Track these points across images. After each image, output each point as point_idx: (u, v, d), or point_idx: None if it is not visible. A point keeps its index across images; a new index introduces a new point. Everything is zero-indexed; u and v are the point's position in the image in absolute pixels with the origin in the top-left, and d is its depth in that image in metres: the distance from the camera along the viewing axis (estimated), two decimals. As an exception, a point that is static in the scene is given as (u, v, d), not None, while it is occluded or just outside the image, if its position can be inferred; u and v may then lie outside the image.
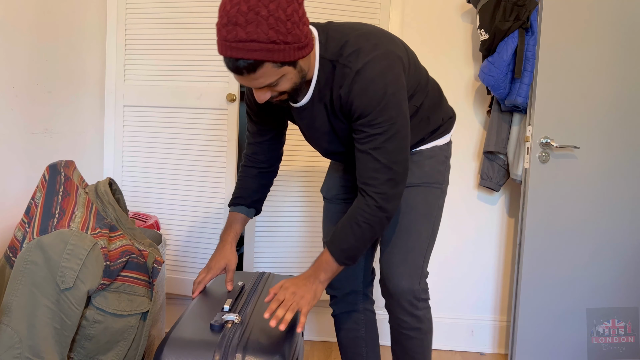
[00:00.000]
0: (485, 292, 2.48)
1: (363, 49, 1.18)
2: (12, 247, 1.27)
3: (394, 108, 1.19)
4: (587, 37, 2.03)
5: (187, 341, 1.15)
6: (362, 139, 1.21)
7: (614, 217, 2.10)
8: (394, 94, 1.18)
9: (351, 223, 1.26)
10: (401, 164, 1.23)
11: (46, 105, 1.93)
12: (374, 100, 1.17)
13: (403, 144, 1.23)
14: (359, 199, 1.26)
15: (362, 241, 1.27)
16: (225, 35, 1.03)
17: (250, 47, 1.03)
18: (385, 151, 1.20)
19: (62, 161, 1.34)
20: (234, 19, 1.01)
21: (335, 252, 1.27)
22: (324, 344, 2.48)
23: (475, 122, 2.42)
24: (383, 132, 1.19)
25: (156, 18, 2.33)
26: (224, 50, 1.06)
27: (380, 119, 1.18)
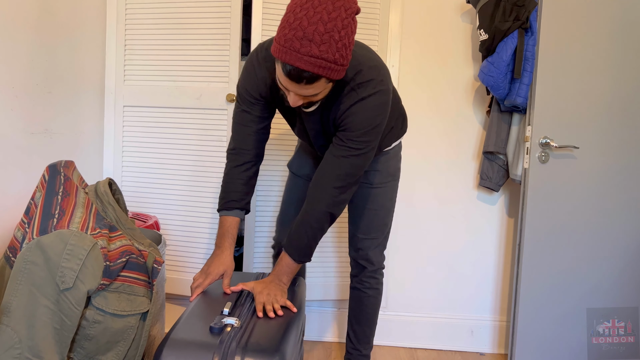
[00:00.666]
0: (485, 292, 2.48)
1: (372, 82, 1.39)
2: (11, 247, 1.27)
3: (374, 135, 1.43)
4: (586, 37, 2.03)
5: (187, 342, 1.15)
6: (339, 146, 1.44)
7: (613, 217, 2.10)
8: (379, 125, 1.43)
9: (304, 226, 1.48)
10: (356, 177, 1.47)
11: (46, 106, 1.94)
12: (364, 124, 1.40)
13: (365, 164, 1.47)
14: (310, 202, 1.48)
15: (314, 240, 1.51)
16: (299, 47, 1.17)
17: (318, 64, 1.19)
18: (351, 164, 1.44)
19: (62, 161, 1.34)
20: (310, 35, 1.16)
21: (293, 254, 1.51)
22: (323, 344, 2.48)
23: (474, 122, 2.42)
24: (357, 149, 1.43)
25: (156, 18, 2.33)
26: (293, 60, 1.19)
27: (361, 139, 1.42)
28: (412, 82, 2.41)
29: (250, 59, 1.49)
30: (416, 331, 2.49)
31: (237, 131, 1.56)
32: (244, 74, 1.50)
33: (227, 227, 1.54)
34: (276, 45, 1.22)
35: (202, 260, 2.39)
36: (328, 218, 1.49)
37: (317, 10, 1.15)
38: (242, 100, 1.52)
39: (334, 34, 1.17)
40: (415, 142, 2.44)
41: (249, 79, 1.49)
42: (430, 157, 2.45)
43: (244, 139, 1.55)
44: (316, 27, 1.15)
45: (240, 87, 1.51)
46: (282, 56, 1.20)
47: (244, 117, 1.54)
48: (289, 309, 1.42)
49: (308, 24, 1.15)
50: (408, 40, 2.40)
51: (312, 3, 1.16)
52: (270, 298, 1.41)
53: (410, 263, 2.49)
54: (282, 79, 1.26)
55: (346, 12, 1.18)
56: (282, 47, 1.19)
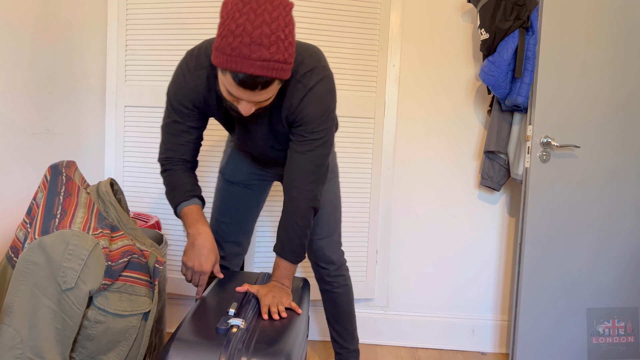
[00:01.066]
0: (486, 291, 2.48)
1: (316, 69, 1.39)
2: (13, 248, 1.27)
3: (331, 121, 1.44)
4: (587, 36, 2.03)
5: (193, 343, 1.15)
6: (301, 142, 1.43)
7: (614, 216, 2.10)
8: (333, 110, 1.44)
9: (292, 228, 1.49)
10: (325, 166, 1.49)
11: (47, 106, 1.94)
12: (319, 112, 1.40)
13: (330, 151, 1.48)
14: (290, 204, 1.48)
15: (305, 237, 1.52)
16: (249, 53, 1.14)
17: (271, 66, 1.16)
18: (318, 155, 1.44)
19: (64, 161, 1.35)
20: (258, 39, 1.13)
21: (289, 257, 1.50)
22: (324, 343, 2.48)
23: (475, 122, 2.42)
24: (319, 139, 1.43)
25: (157, 18, 2.33)
26: (246, 68, 1.16)
27: (320, 128, 1.42)
28: (413, 82, 2.41)
29: (181, 69, 1.43)
30: (417, 331, 2.49)
31: (170, 142, 1.49)
32: (174, 84, 1.44)
33: (195, 215, 1.47)
34: (221, 55, 1.18)
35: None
36: (312, 213, 1.51)
37: (257, 13, 1.13)
38: (174, 111, 1.45)
39: (280, 33, 1.15)
40: (416, 142, 2.44)
41: (181, 89, 1.42)
42: (431, 157, 2.45)
43: (177, 149, 1.49)
44: (262, 29, 1.13)
45: (172, 97, 1.44)
46: (232, 65, 1.16)
47: (176, 128, 1.47)
48: (294, 310, 1.42)
49: (253, 28, 1.13)
50: (409, 40, 2.40)
51: (251, 6, 1.14)
52: (275, 300, 1.40)
53: (411, 262, 2.49)
54: (233, 89, 1.22)
55: (285, 9, 1.17)
56: (229, 57, 1.16)
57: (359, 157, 2.39)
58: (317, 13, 2.28)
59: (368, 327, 2.50)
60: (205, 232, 1.46)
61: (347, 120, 2.36)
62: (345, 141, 2.36)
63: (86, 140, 2.27)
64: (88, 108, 2.27)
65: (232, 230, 1.79)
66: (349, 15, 2.30)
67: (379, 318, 2.51)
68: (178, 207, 1.49)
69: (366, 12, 2.32)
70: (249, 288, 1.47)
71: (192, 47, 1.43)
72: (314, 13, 2.28)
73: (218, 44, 1.18)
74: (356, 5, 2.31)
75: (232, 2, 1.16)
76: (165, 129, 1.49)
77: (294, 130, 1.45)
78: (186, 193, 1.48)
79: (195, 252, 1.44)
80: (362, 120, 2.37)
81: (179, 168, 1.51)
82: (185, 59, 1.43)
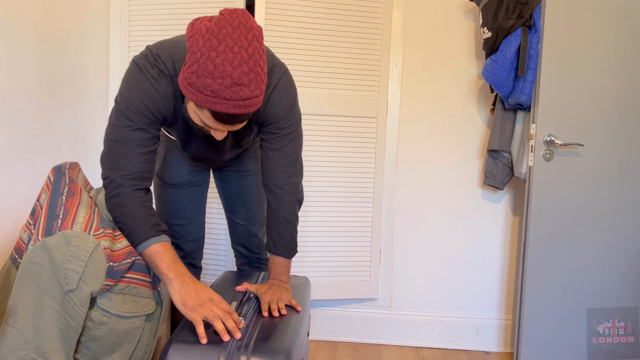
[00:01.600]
0: (490, 290, 2.48)
1: (275, 67, 1.39)
2: (17, 249, 1.28)
3: (298, 113, 1.46)
4: (590, 34, 2.02)
5: (192, 342, 1.15)
6: (274, 140, 1.45)
7: (618, 215, 2.09)
8: (296, 102, 1.45)
9: (281, 223, 1.50)
10: (300, 158, 1.51)
11: (50, 108, 1.95)
12: (286, 108, 1.42)
13: (301, 142, 1.51)
14: (274, 200, 1.50)
15: (294, 230, 1.54)
16: (231, 95, 1.13)
17: (251, 103, 1.17)
18: (292, 148, 1.47)
19: (67, 163, 1.35)
20: (238, 80, 1.12)
21: (282, 253, 1.52)
22: (328, 343, 2.48)
23: (478, 121, 2.42)
24: (290, 133, 1.45)
25: (159, 20, 2.33)
26: (227, 108, 1.15)
27: (289, 122, 1.44)
28: (415, 81, 2.41)
29: (142, 75, 1.28)
30: (421, 330, 2.49)
31: (126, 154, 1.29)
32: (138, 89, 1.28)
33: (172, 255, 1.29)
34: (198, 94, 1.14)
35: (205, 261, 2.39)
36: (297, 205, 1.54)
37: (235, 52, 1.11)
38: (139, 118, 1.28)
39: (257, 68, 1.14)
40: (419, 141, 2.44)
41: (151, 96, 1.29)
42: (434, 156, 2.44)
43: (135, 163, 1.29)
44: (241, 69, 1.11)
45: (137, 103, 1.28)
46: (213, 106, 1.14)
47: (139, 137, 1.29)
48: (294, 308, 1.42)
49: (232, 69, 1.11)
50: (411, 39, 2.40)
51: (227, 44, 1.11)
52: (275, 297, 1.40)
53: (415, 262, 2.49)
54: (210, 122, 1.20)
55: (258, 40, 1.15)
56: (209, 97, 1.13)
57: (362, 157, 2.39)
58: (319, 13, 2.28)
59: (372, 327, 2.50)
60: (187, 272, 1.28)
61: (350, 120, 2.35)
62: (348, 141, 2.36)
63: (89, 141, 2.27)
64: (91, 110, 2.28)
65: (188, 230, 1.76)
66: (350, 15, 2.30)
67: (383, 318, 2.50)
68: (146, 242, 1.27)
69: (368, 12, 2.32)
70: (248, 287, 1.47)
71: (141, 54, 1.32)
72: (316, 13, 2.27)
73: (193, 82, 1.14)
74: (358, 5, 2.31)
75: (202, 37, 1.12)
76: (120, 139, 1.28)
77: (265, 129, 1.45)
78: (154, 227, 1.29)
79: (202, 296, 1.24)
80: (365, 120, 2.37)
81: (137, 192, 1.30)
82: (139, 65, 1.29)
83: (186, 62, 1.16)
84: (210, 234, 2.40)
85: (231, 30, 1.12)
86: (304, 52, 2.29)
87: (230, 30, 1.12)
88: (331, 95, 2.32)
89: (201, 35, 1.12)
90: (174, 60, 1.29)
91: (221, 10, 1.17)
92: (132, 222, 1.28)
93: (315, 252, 2.39)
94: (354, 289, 2.44)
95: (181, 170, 1.69)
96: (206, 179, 1.78)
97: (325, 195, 2.38)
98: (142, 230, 1.27)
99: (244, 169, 1.76)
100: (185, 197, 1.72)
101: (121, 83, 1.32)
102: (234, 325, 1.19)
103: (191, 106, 1.24)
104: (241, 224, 1.80)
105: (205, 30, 1.13)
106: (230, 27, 1.12)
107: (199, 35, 1.13)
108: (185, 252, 1.78)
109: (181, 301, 1.21)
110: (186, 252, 1.79)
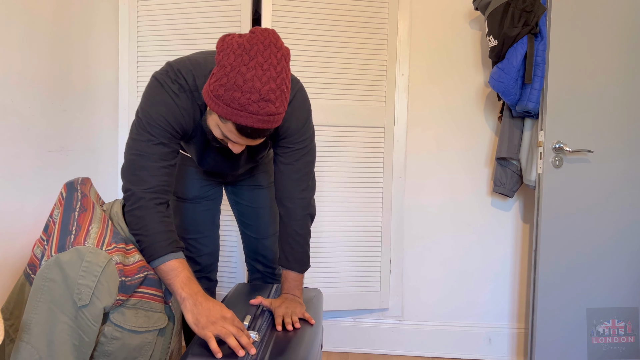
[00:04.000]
0: (501, 299, 2.46)
1: (291, 82, 1.40)
2: (31, 265, 1.29)
3: (311, 128, 1.49)
4: (597, 40, 2.02)
5: (207, 357, 1.16)
6: (287, 154, 1.47)
7: (628, 219, 2.07)
8: (310, 117, 1.48)
9: (293, 237, 1.52)
10: (313, 173, 1.53)
11: (61, 124, 1.97)
12: (300, 123, 1.45)
13: (314, 157, 1.53)
14: (286, 215, 1.51)
15: (307, 244, 1.55)
16: (258, 110, 1.16)
17: (276, 119, 1.20)
18: (305, 162, 1.49)
19: (79, 178, 1.36)
20: (266, 96, 1.15)
21: (295, 268, 1.53)
22: (340, 354, 2.47)
23: (486, 129, 2.41)
24: (304, 148, 1.48)
25: (167, 33, 2.36)
26: (252, 122, 1.18)
27: (303, 137, 1.46)
28: (422, 90, 2.42)
29: (163, 90, 1.32)
30: (433, 340, 2.47)
31: (147, 168, 1.30)
32: (159, 104, 1.31)
33: (188, 273, 1.29)
34: (225, 107, 1.17)
35: (220, 275, 2.39)
36: (309, 220, 1.55)
37: (264, 69, 1.15)
38: (160, 132, 1.31)
39: (283, 86, 1.18)
40: (427, 150, 2.44)
41: (170, 110, 1.31)
42: (443, 165, 2.44)
43: (156, 177, 1.31)
44: (269, 85, 1.15)
45: (158, 117, 1.30)
46: (239, 119, 1.18)
47: (160, 151, 1.31)
48: (307, 321, 1.42)
49: (261, 84, 1.15)
50: (417, 48, 2.41)
51: (257, 61, 1.15)
52: (288, 311, 1.41)
53: (425, 271, 2.48)
54: (233, 135, 1.23)
55: (285, 60, 1.20)
56: (236, 110, 1.17)
57: (370, 167, 2.39)
58: (324, 24, 2.29)
59: (383, 337, 2.49)
60: (201, 291, 1.28)
61: (358, 130, 2.36)
62: (356, 151, 2.37)
63: (100, 155, 2.29)
64: (101, 124, 2.30)
65: (203, 244, 1.76)
66: (356, 26, 2.32)
67: (394, 328, 2.49)
68: (163, 257, 1.28)
69: (374, 22, 2.33)
70: (262, 301, 1.47)
71: (161, 70, 1.35)
72: (322, 24, 2.29)
73: (221, 94, 1.17)
74: (364, 16, 2.32)
75: (234, 52, 1.16)
76: (141, 153, 1.31)
77: (279, 144, 1.48)
78: (173, 243, 1.30)
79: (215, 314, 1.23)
80: (373, 130, 2.37)
81: (158, 207, 1.31)
82: (160, 81, 1.33)
83: (214, 74, 1.19)
84: (224, 248, 2.40)
85: (262, 48, 1.17)
86: (310, 63, 2.30)
87: (261, 48, 1.17)
88: (338, 106, 2.33)
89: (232, 50, 1.17)
90: (194, 76, 1.33)
91: (252, 29, 1.21)
92: (152, 237, 1.29)
93: (326, 262, 2.39)
94: (365, 299, 2.43)
95: (194, 185, 1.71)
96: (219, 193, 1.80)
97: (334, 206, 2.38)
98: (162, 245, 1.28)
99: (256, 182, 1.77)
100: (199, 212, 1.74)
101: (142, 98, 1.35)
102: (248, 342, 1.19)
103: (213, 118, 1.26)
104: (253, 237, 1.81)
105: (237, 45, 1.17)
106: (261, 45, 1.17)
107: (230, 50, 1.17)
108: (202, 265, 1.79)
109: (194, 320, 1.22)
110: (202, 265, 1.79)
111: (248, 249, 1.85)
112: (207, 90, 1.21)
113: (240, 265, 2.42)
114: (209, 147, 1.51)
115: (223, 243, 2.41)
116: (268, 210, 1.79)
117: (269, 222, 1.80)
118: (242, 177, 1.78)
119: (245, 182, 1.78)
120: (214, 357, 1.15)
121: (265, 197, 1.79)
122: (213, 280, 1.86)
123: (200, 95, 1.34)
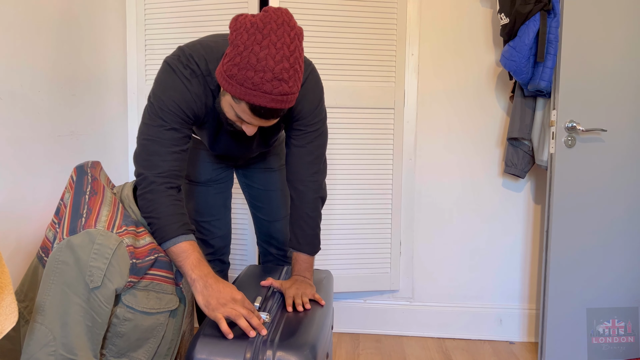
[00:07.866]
0: (512, 280, 2.45)
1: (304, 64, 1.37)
2: (44, 247, 1.30)
3: (324, 111, 1.49)
4: (611, 16, 1.97)
5: (219, 337, 1.17)
6: (299, 136, 1.47)
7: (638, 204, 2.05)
8: (323, 99, 1.48)
9: (303, 221, 1.52)
10: (324, 156, 1.53)
11: (71, 108, 1.97)
12: (313, 105, 1.44)
13: (326, 140, 1.53)
14: (297, 197, 1.51)
15: (317, 227, 1.54)
16: (271, 89, 1.15)
17: (289, 99, 1.19)
18: (317, 145, 1.49)
19: (89, 162, 1.37)
20: (279, 75, 1.14)
21: (306, 250, 1.53)
22: (351, 335, 2.49)
23: (498, 109, 2.38)
24: (316, 130, 1.47)
25: (174, 17, 2.35)
26: (266, 102, 1.17)
27: (316, 120, 1.46)
28: (432, 71, 2.39)
29: (175, 74, 1.32)
30: (444, 321, 2.48)
31: (159, 153, 1.31)
32: (171, 89, 1.31)
33: (199, 255, 1.30)
34: (238, 86, 1.17)
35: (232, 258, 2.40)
36: (320, 202, 1.55)
37: (277, 47, 1.14)
38: (172, 118, 1.31)
39: (296, 66, 1.17)
40: (438, 131, 2.41)
41: (182, 95, 1.31)
42: (453, 145, 2.42)
43: (168, 162, 1.31)
44: (282, 64, 1.14)
45: (170, 103, 1.30)
46: (252, 99, 1.17)
47: (171, 136, 1.31)
48: (318, 302, 1.43)
49: (275, 64, 1.14)
50: (427, 28, 2.37)
51: (270, 39, 1.14)
52: (299, 292, 1.42)
53: (436, 253, 2.47)
54: (246, 116, 1.23)
55: (299, 39, 1.18)
56: (249, 90, 1.16)
57: (380, 148, 2.37)
58: (333, 5, 2.26)
59: (394, 319, 2.50)
60: (211, 272, 1.29)
61: (367, 112, 2.34)
62: (366, 133, 2.35)
63: (110, 140, 2.30)
64: (111, 108, 2.31)
65: (216, 226, 1.76)
66: (365, 6, 2.28)
67: (405, 309, 2.50)
68: (174, 239, 1.29)
69: (383, 1, 2.29)
70: (272, 283, 1.48)
71: (173, 54, 1.35)
72: (330, 4, 2.26)
73: (234, 74, 1.17)
74: (372, -5, 2.29)
75: (247, 31, 1.15)
76: (153, 138, 1.31)
77: (291, 126, 1.47)
78: (184, 225, 1.31)
79: (225, 296, 1.24)
80: (382, 111, 2.35)
81: (169, 190, 1.32)
82: (172, 66, 1.32)
83: (227, 54, 1.19)
84: (235, 231, 2.41)
85: (275, 27, 1.15)
86: (319, 44, 2.28)
87: (274, 26, 1.15)
88: (347, 88, 2.31)
89: (245, 29, 1.15)
90: (207, 60, 1.32)
91: (265, 7, 1.20)
92: (163, 219, 1.29)
93: (336, 244, 2.39)
94: (375, 281, 2.44)
95: (206, 168, 1.71)
96: (230, 176, 1.80)
97: (344, 188, 2.37)
98: (173, 227, 1.29)
99: (268, 165, 1.77)
100: (211, 195, 1.74)
101: (154, 83, 1.35)
102: (258, 323, 1.20)
103: (227, 99, 1.26)
104: (265, 220, 1.81)
105: (250, 24, 1.16)
106: (274, 24, 1.15)
107: (243, 29, 1.16)
108: (214, 248, 1.80)
109: (204, 302, 1.23)
110: (215, 248, 1.80)
111: (259, 232, 1.85)
112: (220, 71, 1.21)
113: (252, 248, 2.43)
114: (221, 132, 1.51)
115: (235, 226, 2.42)
116: (279, 192, 1.79)
117: (280, 205, 1.80)
118: (254, 160, 1.78)
119: (257, 165, 1.78)
120: (226, 338, 1.16)
121: (277, 179, 1.78)
122: (226, 262, 1.87)
123: (213, 79, 1.33)
